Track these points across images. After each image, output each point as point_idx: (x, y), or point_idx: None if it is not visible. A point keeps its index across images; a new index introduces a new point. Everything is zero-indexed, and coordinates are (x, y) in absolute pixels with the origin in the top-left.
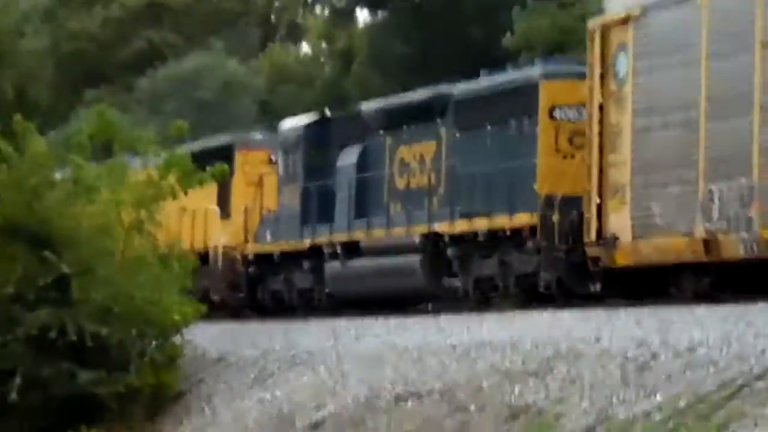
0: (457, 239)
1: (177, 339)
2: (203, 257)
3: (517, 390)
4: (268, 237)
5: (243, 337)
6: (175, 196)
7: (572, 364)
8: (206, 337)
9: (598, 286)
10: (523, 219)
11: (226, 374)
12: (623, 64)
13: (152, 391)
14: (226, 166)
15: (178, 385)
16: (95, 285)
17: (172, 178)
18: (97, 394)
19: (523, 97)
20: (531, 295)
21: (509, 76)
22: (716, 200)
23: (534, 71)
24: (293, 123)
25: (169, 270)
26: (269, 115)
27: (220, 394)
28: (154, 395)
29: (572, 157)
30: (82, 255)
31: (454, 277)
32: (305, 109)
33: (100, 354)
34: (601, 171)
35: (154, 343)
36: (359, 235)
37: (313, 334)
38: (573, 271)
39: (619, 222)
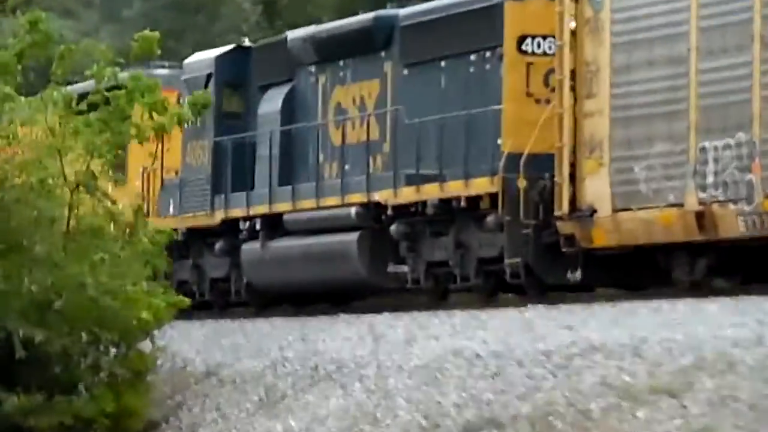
0: (403, 212)
1: (146, 345)
2: None
3: (641, 416)
4: (171, 209)
5: (242, 342)
6: (142, 140)
7: (723, 378)
8: (189, 342)
9: (577, 274)
10: (481, 185)
11: (218, 396)
12: None
13: (111, 422)
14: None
15: (149, 413)
16: (27, 268)
17: (137, 114)
18: (31, 427)
19: (485, 23)
20: (498, 286)
21: None
22: (710, 161)
23: None
24: (201, 56)
25: (134, 246)
26: (277, 22)
27: (209, 424)
28: (114, 427)
29: (548, 102)
30: (9, 225)
31: (401, 262)
32: (329, 14)
33: (35, 369)
34: (575, 122)
35: (113, 351)
36: (283, 206)
37: (342, 336)
38: (544, 254)
39: (597, 189)
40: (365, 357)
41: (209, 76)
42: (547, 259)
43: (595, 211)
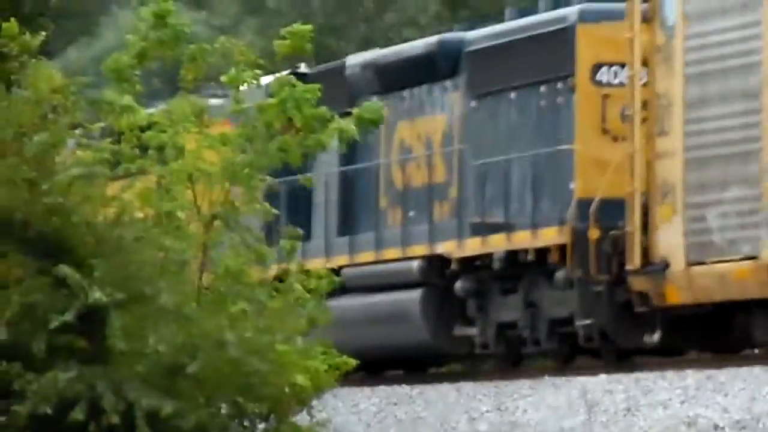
0: (469, 266)
1: (303, 418)
2: None
3: None
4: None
5: (423, 413)
6: (296, 160)
7: None
8: (357, 413)
9: (655, 336)
10: (548, 236)
11: None
12: (673, 4)
13: None
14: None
15: None
16: (152, 323)
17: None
18: None
19: (555, 49)
20: (574, 350)
21: (539, 17)
22: None
23: (569, 12)
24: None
25: (286, 294)
26: (461, 12)
27: None
28: None
29: (626, 139)
30: (128, 270)
31: (468, 323)
32: (522, 2)
33: None
34: (648, 163)
35: (261, 426)
36: (341, 259)
37: (548, 404)
38: (619, 314)
39: (670, 240)
40: (576, 430)
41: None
42: (623, 320)
43: (668, 264)
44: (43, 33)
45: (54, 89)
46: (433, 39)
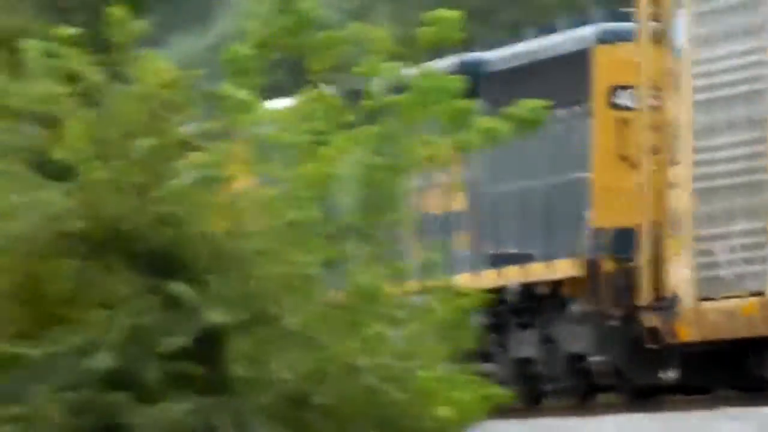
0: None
1: None
2: None
3: None
4: None
5: None
6: (437, 163)
7: None
8: None
9: (671, 373)
10: (563, 267)
11: None
12: (681, 26)
13: None
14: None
15: None
16: (275, 347)
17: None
18: None
19: (573, 72)
20: (591, 387)
21: (557, 38)
22: None
23: (586, 32)
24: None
25: (428, 315)
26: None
27: None
28: None
29: None
30: (248, 287)
31: (487, 358)
32: None
33: None
34: (660, 193)
35: None
36: None
37: None
38: (634, 350)
39: (680, 274)
40: None
41: None
42: (638, 356)
43: (678, 300)
44: (148, 19)
45: (164, 83)
46: (452, 60)
